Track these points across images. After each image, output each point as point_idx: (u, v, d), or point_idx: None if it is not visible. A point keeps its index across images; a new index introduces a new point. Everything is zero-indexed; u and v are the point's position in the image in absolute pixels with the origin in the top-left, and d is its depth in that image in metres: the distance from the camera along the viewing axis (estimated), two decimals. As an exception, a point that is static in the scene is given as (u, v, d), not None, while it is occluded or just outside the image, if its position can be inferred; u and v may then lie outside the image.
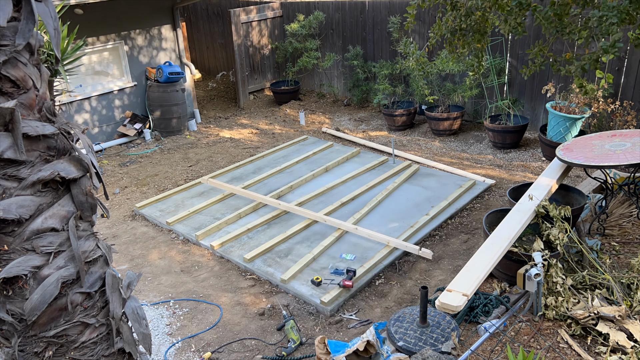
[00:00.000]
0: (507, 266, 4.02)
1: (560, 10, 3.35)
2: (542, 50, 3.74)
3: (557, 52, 6.86)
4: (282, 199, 6.08)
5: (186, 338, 3.99)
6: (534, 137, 7.47)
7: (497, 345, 3.45)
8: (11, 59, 1.79)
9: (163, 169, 7.25)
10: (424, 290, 3.57)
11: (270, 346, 3.85)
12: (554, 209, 3.93)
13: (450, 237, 5.18)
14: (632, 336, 3.27)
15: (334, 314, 4.17)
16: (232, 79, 11.55)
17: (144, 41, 8.46)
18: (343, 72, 9.80)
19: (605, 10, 2.93)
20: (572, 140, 4.98)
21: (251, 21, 9.86)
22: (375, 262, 4.66)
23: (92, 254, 2.08)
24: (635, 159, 4.09)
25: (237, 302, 4.38)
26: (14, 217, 1.82)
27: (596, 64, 3.17)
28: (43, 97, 1.94)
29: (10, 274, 1.85)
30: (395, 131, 8.32)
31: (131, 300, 2.27)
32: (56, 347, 2.03)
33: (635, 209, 4.85)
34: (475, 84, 7.62)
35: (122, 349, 2.23)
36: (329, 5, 9.61)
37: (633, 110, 6.27)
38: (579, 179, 6.12)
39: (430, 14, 8.21)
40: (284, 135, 8.48)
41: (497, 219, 4.46)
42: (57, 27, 1.93)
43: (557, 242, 3.81)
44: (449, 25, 4.09)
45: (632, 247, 4.50)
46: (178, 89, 8.38)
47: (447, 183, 6.24)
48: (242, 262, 4.85)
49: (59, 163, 1.93)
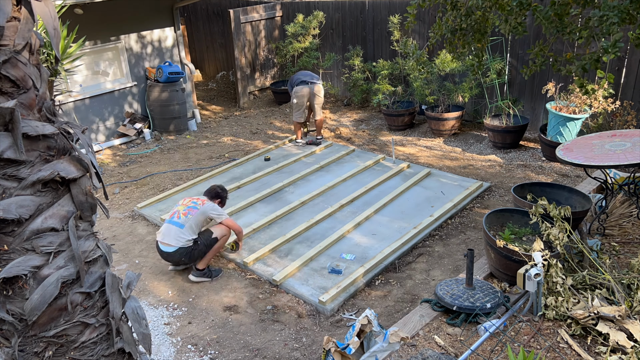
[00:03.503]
0: (507, 266, 4.02)
1: (560, 10, 3.34)
2: (543, 50, 3.73)
3: (557, 52, 6.86)
4: (282, 199, 6.08)
5: (186, 338, 3.98)
6: (534, 137, 7.47)
7: (497, 345, 3.45)
8: (11, 58, 1.79)
9: (163, 169, 7.25)
10: (471, 253, 3.75)
11: (272, 346, 3.85)
12: (554, 208, 3.93)
13: (450, 237, 5.18)
14: (632, 336, 3.27)
15: (333, 313, 4.17)
16: (232, 79, 11.55)
17: (144, 41, 8.46)
18: (343, 72, 9.80)
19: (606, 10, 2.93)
20: (572, 140, 4.98)
21: (251, 21, 9.86)
22: (376, 262, 4.66)
23: (92, 254, 2.08)
24: (635, 159, 4.09)
25: (237, 302, 4.38)
26: (14, 217, 1.82)
27: (597, 64, 3.16)
28: (43, 97, 1.94)
29: (10, 274, 1.85)
30: (395, 131, 8.31)
31: (131, 300, 2.27)
32: (56, 347, 2.03)
33: (635, 209, 4.84)
34: (475, 84, 7.61)
35: (122, 349, 2.23)
36: (329, 5, 9.61)
37: (633, 110, 6.27)
38: (579, 179, 6.12)
39: (430, 13, 8.21)
40: (283, 135, 8.48)
41: (497, 219, 4.46)
42: (57, 27, 1.93)
43: (557, 242, 3.81)
44: (449, 25, 4.09)
45: (632, 247, 4.50)
46: (178, 89, 8.38)
47: (448, 183, 6.24)
48: (242, 263, 4.84)
49: (59, 163, 1.92)
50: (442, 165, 6.88)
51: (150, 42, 8.55)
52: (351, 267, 4.68)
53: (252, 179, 6.58)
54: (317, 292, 4.34)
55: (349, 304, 4.28)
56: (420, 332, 3.67)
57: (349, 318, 4.10)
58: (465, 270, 3.90)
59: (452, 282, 4.00)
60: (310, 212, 5.71)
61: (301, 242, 5.15)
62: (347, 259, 4.80)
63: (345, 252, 4.92)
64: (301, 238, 5.21)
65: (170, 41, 8.81)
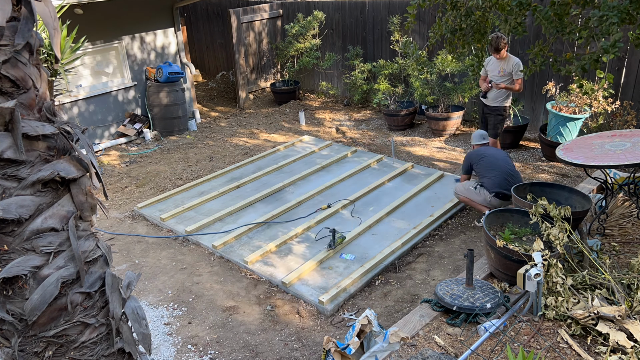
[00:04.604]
0: (507, 266, 4.02)
1: (560, 10, 3.34)
2: (543, 50, 3.73)
3: (557, 52, 6.86)
4: (282, 198, 6.08)
5: (186, 338, 3.98)
6: (534, 137, 7.47)
7: (497, 345, 3.45)
8: (11, 58, 1.79)
9: (163, 169, 7.25)
10: (471, 253, 3.75)
11: (273, 345, 3.85)
12: (554, 208, 3.92)
13: (450, 237, 5.18)
14: (632, 336, 3.26)
15: (333, 314, 4.17)
16: (232, 79, 11.54)
17: (144, 41, 8.46)
18: (343, 72, 9.80)
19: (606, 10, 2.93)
20: (572, 140, 4.98)
21: (251, 21, 9.86)
22: (376, 262, 4.66)
23: (92, 254, 2.08)
24: (635, 159, 4.09)
25: (237, 302, 4.38)
26: (14, 217, 1.82)
27: (596, 64, 3.16)
28: (43, 97, 1.94)
29: (10, 274, 1.85)
30: (395, 131, 8.31)
31: (131, 300, 2.27)
32: (56, 347, 2.03)
33: (635, 209, 4.84)
34: (475, 84, 7.61)
35: (122, 349, 2.23)
36: (329, 5, 9.61)
37: (633, 110, 6.27)
38: (579, 179, 6.12)
39: (430, 13, 8.21)
40: (283, 135, 8.48)
41: (496, 219, 4.46)
42: (56, 27, 1.93)
43: (557, 242, 3.81)
44: (449, 25, 4.09)
45: (632, 247, 4.50)
46: (178, 89, 8.38)
47: (448, 183, 6.24)
48: (242, 263, 4.84)
49: (58, 163, 1.92)
50: (442, 165, 6.88)
51: (150, 42, 8.55)
52: (351, 267, 4.68)
53: (251, 179, 6.58)
54: (317, 292, 4.34)
55: (349, 304, 4.28)
56: (420, 332, 3.67)
57: (349, 318, 4.10)
58: (465, 270, 3.90)
59: (452, 282, 4.00)
60: (311, 211, 5.71)
61: (301, 242, 5.15)
62: (347, 259, 4.80)
63: (345, 252, 4.92)
64: (301, 238, 5.21)
65: (170, 41, 8.80)
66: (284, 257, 4.91)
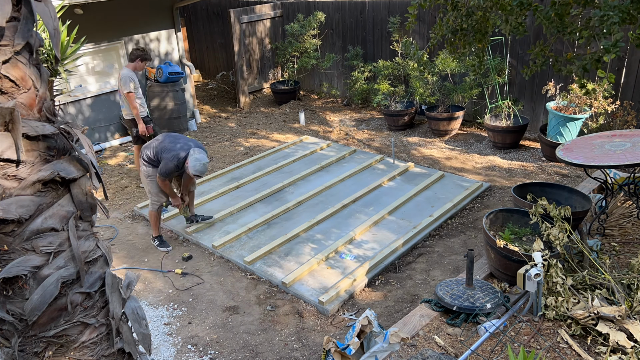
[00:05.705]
0: (507, 266, 4.02)
1: (561, 9, 3.34)
2: (543, 50, 3.73)
3: (557, 52, 6.86)
4: (282, 199, 6.08)
5: (186, 338, 3.98)
6: (534, 137, 7.47)
7: (497, 345, 3.45)
8: (11, 58, 1.79)
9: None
10: (471, 253, 3.75)
11: (272, 344, 3.85)
12: (554, 208, 3.92)
13: (450, 237, 5.18)
14: (632, 336, 3.26)
15: (333, 314, 4.17)
16: (232, 79, 11.54)
17: (144, 41, 8.45)
18: (343, 72, 9.79)
19: (607, 9, 2.92)
20: (572, 140, 4.98)
21: (251, 21, 9.86)
22: (376, 262, 4.66)
23: (92, 254, 2.08)
24: (635, 159, 4.09)
25: (237, 302, 4.38)
26: (14, 217, 1.82)
27: (597, 64, 3.16)
28: (43, 97, 1.94)
29: (10, 274, 1.84)
30: (395, 131, 8.31)
31: (131, 300, 2.27)
32: (56, 347, 2.03)
33: (635, 209, 4.84)
34: (475, 84, 7.61)
35: (122, 349, 2.22)
36: (328, 5, 9.61)
37: (633, 111, 6.27)
38: (579, 179, 6.12)
39: (431, 14, 8.20)
40: (283, 135, 8.48)
41: (496, 219, 4.46)
42: (57, 27, 1.93)
43: (557, 242, 3.80)
44: (449, 25, 4.08)
45: (632, 247, 4.50)
46: (178, 89, 8.37)
47: (448, 183, 6.24)
48: (242, 263, 4.84)
49: (58, 163, 1.92)
50: (442, 165, 6.88)
51: (150, 42, 8.54)
52: (351, 267, 4.68)
53: (251, 179, 6.58)
54: (317, 292, 4.34)
55: (349, 304, 4.28)
56: (420, 332, 3.67)
57: (349, 318, 4.10)
58: (465, 270, 3.90)
59: (452, 282, 4.00)
60: (311, 212, 5.71)
61: (301, 242, 5.15)
62: (347, 259, 4.80)
63: (345, 252, 4.92)
64: (301, 238, 5.21)
65: (170, 41, 8.80)
66: (284, 257, 4.91)
